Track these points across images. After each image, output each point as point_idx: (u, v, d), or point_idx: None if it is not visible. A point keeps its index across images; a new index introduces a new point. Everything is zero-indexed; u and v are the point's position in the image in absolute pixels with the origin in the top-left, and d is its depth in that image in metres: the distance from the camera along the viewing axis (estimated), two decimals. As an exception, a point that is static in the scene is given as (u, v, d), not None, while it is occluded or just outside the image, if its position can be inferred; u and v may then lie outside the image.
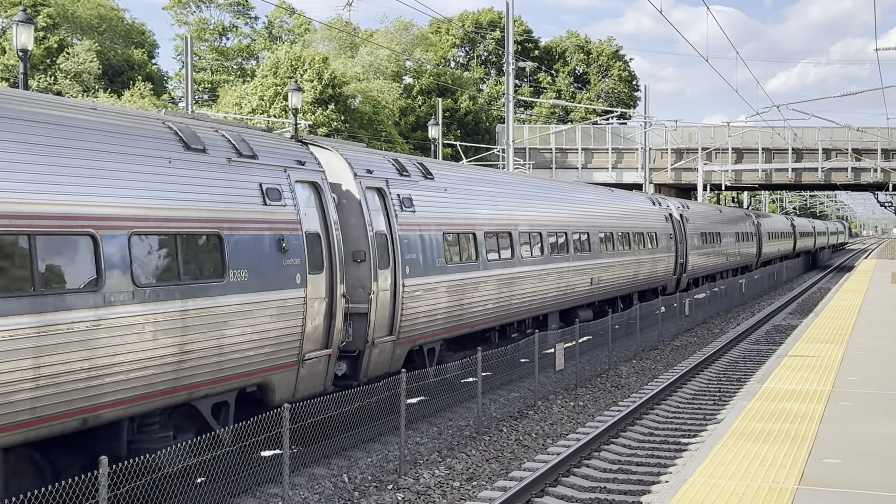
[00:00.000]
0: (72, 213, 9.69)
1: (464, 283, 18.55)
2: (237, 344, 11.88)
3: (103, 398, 9.98)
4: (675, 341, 30.24)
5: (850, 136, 67.75)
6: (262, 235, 12.53)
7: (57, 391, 9.40)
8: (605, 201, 30.56)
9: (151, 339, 10.48)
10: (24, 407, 9.09)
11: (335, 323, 14.06)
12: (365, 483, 13.33)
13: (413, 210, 17.06)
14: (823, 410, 12.85)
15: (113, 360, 9.99)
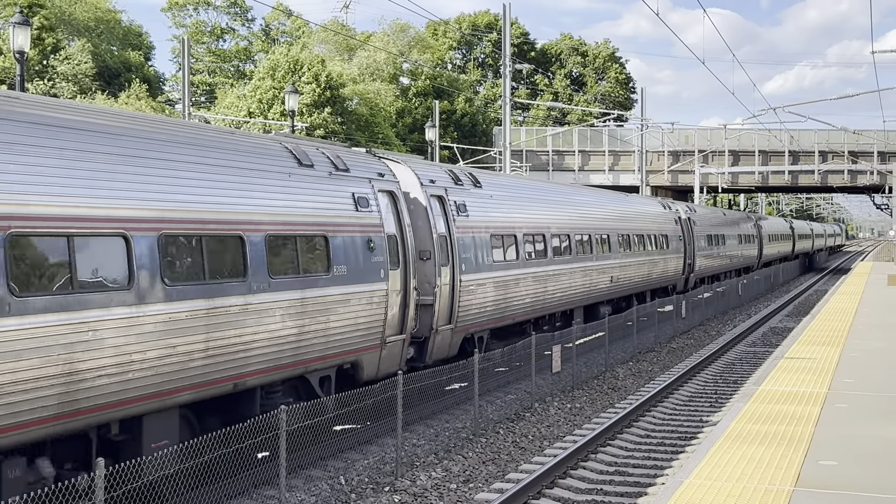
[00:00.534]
0: (228, 219, 12.07)
1: (507, 280, 20.85)
2: (338, 327, 14.27)
3: (248, 368, 12.29)
4: (672, 343, 30.26)
5: (847, 139, 67.86)
6: (355, 237, 14.93)
7: (220, 360, 11.73)
8: (622, 205, 32.67)
9: (280, 321, 12.85)
10: (197, 372, 11.38)
11: (408, 312, 16.54)
12: (362, 485, 13.33)
13: (467, 215, 19.34)
14: (820, 412, 12.87)
15: (255, 337, 12.34)
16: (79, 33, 66.58)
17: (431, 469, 14.25)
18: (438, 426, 17.13)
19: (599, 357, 24.80)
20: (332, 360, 14.32)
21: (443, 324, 18.00)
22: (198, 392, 11.50)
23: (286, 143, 14.32)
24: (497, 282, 20.24)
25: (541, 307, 23.05)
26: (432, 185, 18.36)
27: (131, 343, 10.34)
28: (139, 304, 10.45)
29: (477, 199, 20.08)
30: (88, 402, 9.85)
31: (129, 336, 10.31)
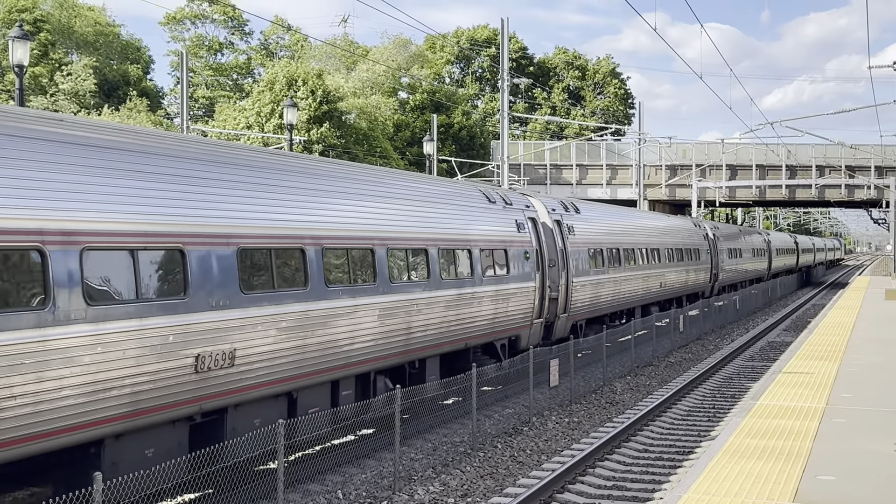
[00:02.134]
0: (465, 239, 19.12)
1: (597, 282, 27.90)
2: (512, 311, 21.10)
3: (471, 334, 19.09)
4: (670, 357, 30.26)
5: (844, 153, 67.98)
6: (518, 250, 21.72)
7: (459, 329, 18.48)
8: (666, 224, 39.64)
9: (488, 304, 19.76)
10: (448, 334, 17.84)
11: (544, 303, 23.27)
12: (360, 499, 13.31)
13: (574, 234, 26.22)
14: (818, 427, 12.87)
15: (475, 314, 19.09)
16: (78, 48, 66.69)
17: (429, 483, 14.23)
18: (436, 440, 17.11)
19: (597, 371, 24.79)
20: (507, 332, 21.19)
21: (561, 312, 24.81)
22: (441, 349, 17.96)
23: (479, 188, 22.04)
24: (592, 283, 27.53)
25: (616, 304, 30.22)
26: (553, 213, 25.39)
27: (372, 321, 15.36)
28: (380, 294, 15.54)
29: (579, 222, 27.12)
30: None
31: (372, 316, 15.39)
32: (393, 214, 16.48)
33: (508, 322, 20.99)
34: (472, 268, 18.98)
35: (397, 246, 16.10)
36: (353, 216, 15.13)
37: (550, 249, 24.04)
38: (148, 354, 10.41)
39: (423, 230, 17.27)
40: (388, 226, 16.07)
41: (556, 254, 24.39)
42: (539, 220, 23.70)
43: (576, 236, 26.19)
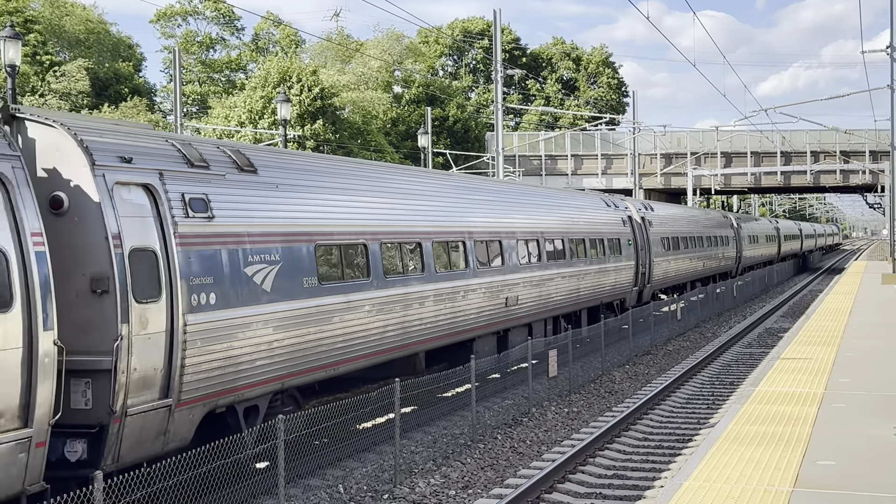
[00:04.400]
0: (594, 231, 28.52)
1: (667, 261, 36.79)
2: (622, 280, 30.25)
3: (580, 300, 26.23)
4: (668, 346, 30.28)
5: (839, 139, 68.02)
6: (625, 238, 30.94)
7: (579, 296, 26.09)
8: (705, 217, 48.33)
9: (613, 275, 29.16)
10: (560, 301, 24.52)
11: (638, 276, 31.98)
12: (360, 493, 13.32)
13: (652, 227, 34.82)
14: (817, 412, 12.89)
15: (589, 283, 26.92)
16: (70, 46, 66.52)
17: (430, 476, 14.24)
18: (436, 432, 17.12)
19: (596, 361, 24.81)
20: (620, 295, 30.43)
21: (646, 283, 33.28)
22: (588, 304, 27.05)
23: (601, 196, 32.28)
24: (664, 262, 35.79)
25: (678, 278, 38.86)
26: (639, 212, 33.82)
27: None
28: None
29: (654, 218, 35.83)
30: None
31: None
32: (561, 220, 25.77)
33: (620, 288, 30.47)
34: (605, 251, 28.48)
35: (564, 237, 25.25)
36: (545, 222, 24.50)
37: (640, 238, 32.73)
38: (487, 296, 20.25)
39: (580, 228, 27.01)
40: (568, 225, 26.14)
41: (643, 241, 33.09)
42: (634, 218, 32.82)
43: (653, 228, 34.93)
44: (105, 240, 10.45)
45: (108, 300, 10.38)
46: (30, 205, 9.55)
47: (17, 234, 9.36)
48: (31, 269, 9.35)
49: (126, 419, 10.46)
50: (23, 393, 9.15)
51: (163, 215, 11.22)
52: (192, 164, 11.99)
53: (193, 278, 11.43)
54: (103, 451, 10.32)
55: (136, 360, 10.57)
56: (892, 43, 40.89)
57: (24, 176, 9.63)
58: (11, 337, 9.09)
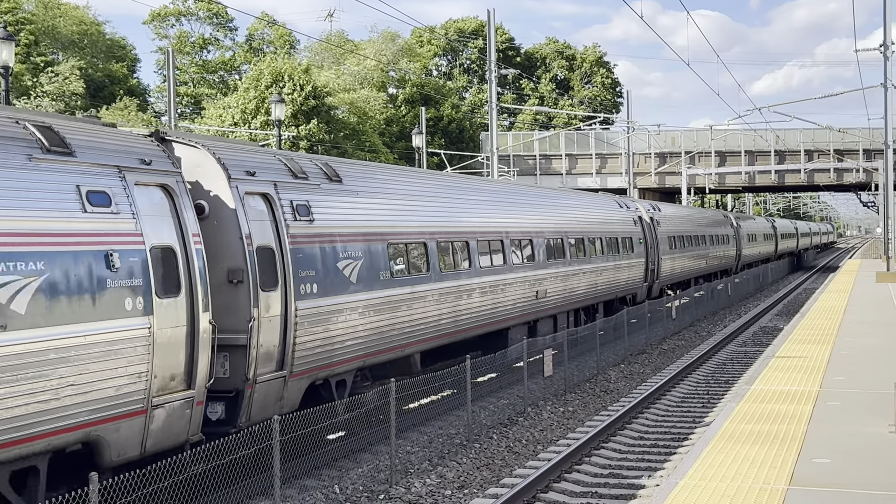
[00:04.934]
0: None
1: (673, 259, 38.75)
2: (634, 275, 31.88)
3: (618, 291, 30.74)
4: (663, 345, 30.31)
5: (832, 137, 68.11)
6: (636, 237, 32.77)
7: (613, 285, 30.57)
8: (707, 217, 51.48)
9: (626, 271, 31.28)
10: (603, 287, 29.38)
11: (647, 272, 34.05)
12: (356, 493, 13.31)
13: (660, 226, 36.75)
14: (812, 411, 12.91)
15: (622, 275, 31.42)
16: (63, 47, 66.37)
17: (426, 476, 14.24)
18: (432, 432, 17.12)
19: (591, 360, 24.82)
20: (632, 289, 32.56)
21: (655, 279, 35.82)
22: (603, 298, 28.83)
23: (614, 198, 34.17)
24: (670, 260, 38.26)
25: (683, 275, 41.02)
26: (648, 212, 36.10)
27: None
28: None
29: (661, 218, 37.68)
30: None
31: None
32: (581, 221, 27.80)
33: (632, 283, 32.48)
34: (619, 249, 30.30)
35: (584, 236, 27.38)
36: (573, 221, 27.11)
37: (649, 237, 34.67)
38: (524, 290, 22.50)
39: (598, 227, 29.08)
40: (583, 226, 27.72)
41: (652, 240, 34.92)
42: (643, 218, 34.58)
43: (661, 227, 36.77)
44: (239, 239, 12.69)
45: (242, 289, 12.63)
46: (189, 211, 11.70)
47: (181, 234, 11.50)
48: (192, 262, 11.51)
49: (255, 386, 12.66)
50: (187, 362, 11.32)
51: (277, 219, 13.47)
52: (295, 176, 14.29)
53: (301, 271, 13.66)
54: (239, 411, 12.45)
55: (262, 338, 12.75)
56: (885, 41, 40.97)
57: (185, 187, 11.78)
58: (180, 317, 11.22)
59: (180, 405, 11.15)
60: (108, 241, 10.36)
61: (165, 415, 10.99)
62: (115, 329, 10.24)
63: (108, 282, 10.22)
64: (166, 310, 10.99)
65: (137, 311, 10.55)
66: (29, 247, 9.38)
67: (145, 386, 10.63)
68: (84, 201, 10.24)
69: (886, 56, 41.14)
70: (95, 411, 10.03)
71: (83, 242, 10.06)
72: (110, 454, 10.34)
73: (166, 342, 10.96)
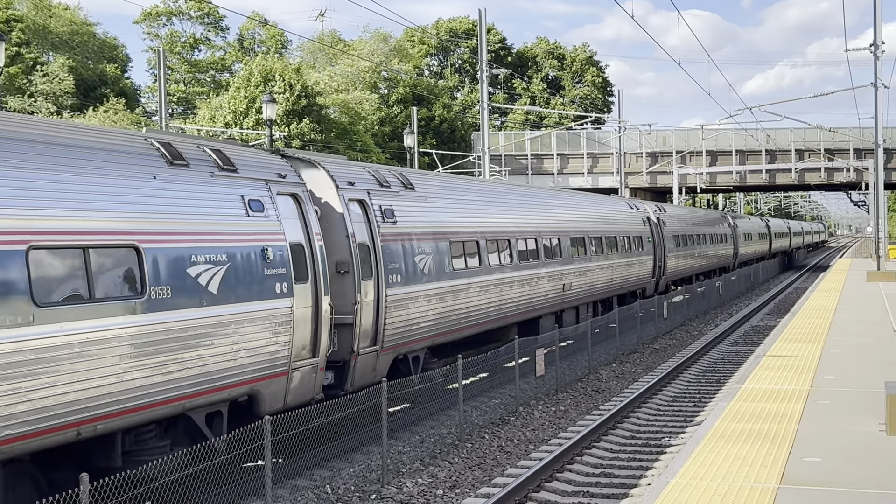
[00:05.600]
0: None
1: (677, 256, 41.20)
2: (643, 272, 35.16)
3: (629, 286, 33.40)
4: (655, 344, 30.35)
5: (823, 137, 68.29)
6: (645, 236, 35.40)
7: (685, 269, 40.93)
8: (707, 217, 53.27)
9: (638, 267, 34.14)
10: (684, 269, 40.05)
11: (655, 268, 36.48)
12: (348, 493, 13.30)
13: (665, 226, 39.14)
14: (802, 410, 12.94)
15: (632, 271, 33.68)
16: (54, 48, 66.18)
17: (418, 475, 14.24)
18: (423, 432, 17.12)
19: (583, 359, 24.85)
20: (641, 285, 34.92)
21: (662, 275, 38.25)
22: (613, 294, 30.73)
23: (625, 200, 37.04)
24: (675, 257, 40.68)
25: (686, 271, 43.45)
26: (655, 213, 38.55)
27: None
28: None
29: (667, 218, 40.61)
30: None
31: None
32: (584, 219, 29.16)
33: (642, 278, 35.01)
34: (631, 246, 33.14)
35: (602, 235, 30.03)
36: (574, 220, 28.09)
37: (656, 236, 37.04)
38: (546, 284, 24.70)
39: (613, 227, 31.89)
40: (591, 225, 29.49)
41: (659, 238, 37.37)
42: (651, 218, 37.03)
43: (666, 227, 39.25)
44: (346, 237, 15.55)
45: (348, 278, 15.47)
46: (312, 214, 14.52)
47: (307, 233, 14.25)
48: (316, 256, 14.28)
49: (358, 357, 15.48)
50: (312, 335, 14.03)
51: (370, 221, 16.32)
52: (381, 185, 17.21)
53: (388, 264, 16.46)
54: (345, 378, 15.40)
55: (363, 319, 15.57)
56: (875, 41, 41.09)
57: (308, 196, 14.67)
58: (308, 299, 13.95)
59: (309, 370, 13.90)
60: (263, 238, 13.06)
61: (300, 377, 13.71)
62: (270, 307, 12.96)
63: (265, 270, 12.93)
64: (300, 293, 13.68)
65: (283, 293, 13.25)
66: (217, 243, 12.16)
67: (288, 353, 13.33)
68: (247, 207, 13.04)
69: (877, 56, 41.25)
70: (257, 371, 12.70)
71: (248, 240, 12.79)
72: (264, 406, 12.91)
73: (301, 319, 13.66)
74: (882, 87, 41.91)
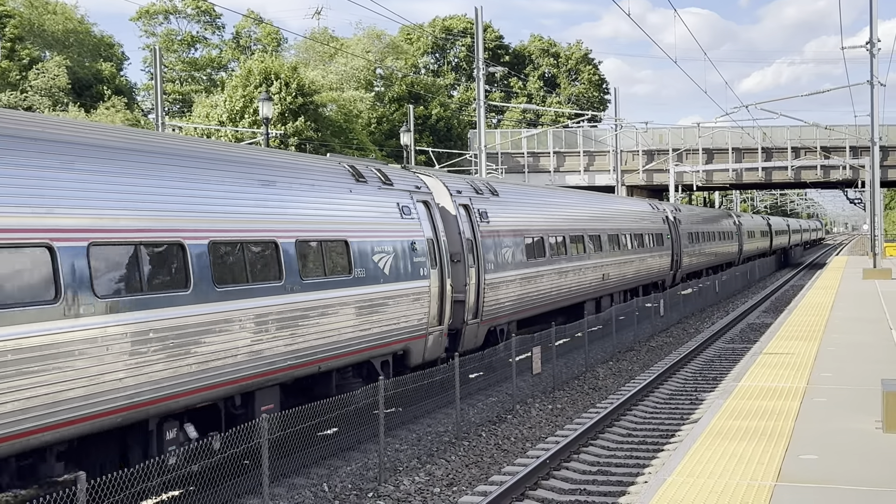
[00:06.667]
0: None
1: (691, 253, 45.37)
2: (663, 264, 39.10)
3: (651, 277, 38.08)
4: (651, 342, 30.37)
5: (819, 135, 68.27)
6: (664, 233, 39.81)
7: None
8: (715, 215, 57.67)
9: (658, 259, 38.11)
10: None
11: (674, 262, 41.06)
12: (345, 491, 13.31)
13: (681, 224, 43.00)
14: (799, 407, 12.96)
15: (653, 264, 38.26)
16: (50, 46, 66.07)
17: (415, 474, 14.24)
18: (420, 430, 17.13)
19: (579, 357, 24.86)
20: (661, 276, 37.92)
21: (678, 268, 42.17)
22: (625, 286, 33.06)
23: (646, 200, 40.95)
24: (688, 254, 44.88)
25: (698, 266, 47.65)
26: (672, 212, 42.89)
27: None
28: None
29: (683, 217, 44.48)
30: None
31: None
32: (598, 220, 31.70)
33: (663, 271, 39.10)
34: (654, 242, 37.20)
35: (631, 232, 34.36)
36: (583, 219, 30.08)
37: (673, 233, 41.37)
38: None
39: (640, 225, 36.12)
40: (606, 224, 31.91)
41: (675, 235, 41.54)
42: (668, 217, 41.16)
43: (682, 225, 43.39)
44: (458, 234, 19.95)
45: (460, 265, 19.81)
46: (438, 216, 19.13)
47: (435, 230, 18.72)
48: (441, 247, 18.80)
49: (466, 327, 20.09)
50: (439, 308, 18.40)
51: (472, 221, 20.79)
52: (478, 192, 21.90)
53: (485, 255, 20.92)
54: (459, 343, 19.81)
55: (470, 298, 20.09)
56: (871, 39, 41.12)
57: (434, 202, 19.27)
58: (437, 281, 18.37)
59: (437, 334, 18.27)
60: (411, 234, 17.49)
61: (432, 339, 18.12)
62: (417, 286, 17.38)
63: (414, 258, 17.33)
64: (433, 276, 18.07)
65: (424, 276, 17.69)
66: (387, 237, 16.62)
67: (426, 320, 17.73)
68: (400, 212, 17.47)
69: (873, 53, 41.28)
70: (409, 333, 17.08)
71: (402, 235, 17.17)
72: (412, 359, 17.43)
73: (433, 295, 18.04)
74: (878, 85, 41.94)
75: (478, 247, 20.43)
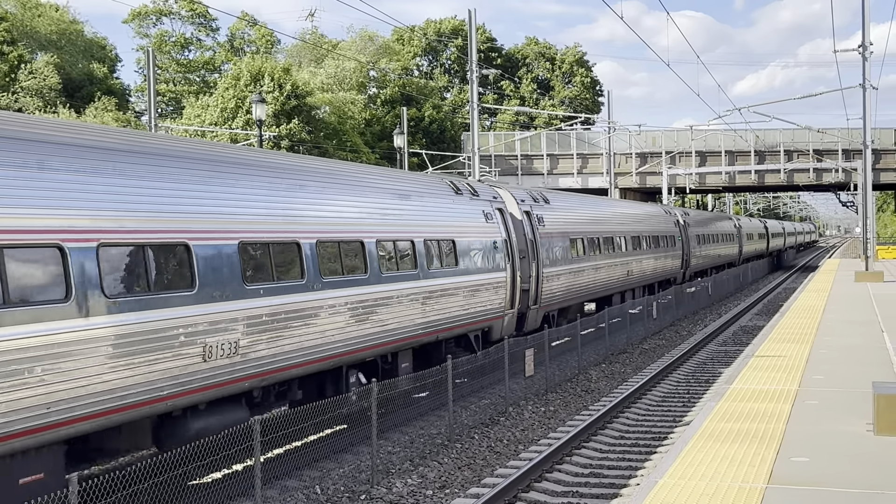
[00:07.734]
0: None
1: (705, 255, 51.46)
2: (672, 264, 42.45)
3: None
4: (644, 344, 30.41)
5: (812, 138, 68.48)
6: (676, 235, 43.85)
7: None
8: (716, 217, 62.02)
9: (664, 261, 41.36)
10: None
11: (683, 261, 45.19)
12: (337, 494, 13.30)
13: (689, 227, 46.33)
14: (791, 410, 12.99)
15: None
16: (42, 47, 65.92)
17: (407, 476, 14.24)
18: (413, 433, 17.12)
19: (572, 360, 24.89)
20: (674, 274, 42.50)
21: (687, 267, 45.86)
22: (644, 282, 37.28)
23: (662, 207, 47.40)
24: (698, 252, 48.89)
25: (715, 262, 54.51)
26: (682, 216, 46.30)
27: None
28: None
29: (690, 220, 48.39)
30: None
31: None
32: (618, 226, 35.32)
33: (675, 269, 43.04)
34: (667, 244, 41.50)
35: (648, 234, 38.12)
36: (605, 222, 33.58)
37: (683, 235, 44.72)
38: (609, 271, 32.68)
39: (655, 228, 39.88)
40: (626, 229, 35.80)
41: (685, 237, 45.09)
42: (679, 220, 45.08)
43: (690, 228, 47.08)
44: (523, 235, 23.95)
45: (525, 261, 23.66)
46: (510, 221, 22.92)
47: (507, 232, 22.48)
48: (512, 246, 22.59)
49: (529, 311, 23.99)
50: (510, 295, 22.17)
51: (533, 224, 24.72)
52: (535, 201, 25.84)
53: (542, 252, 24.91)
54: (524, 324, 23.70)
55: (532, 287, 24.06)
56: (863, 42, 41.23)
57: (506, 209, 23.14)
58: (510, 273, 22.13)
59: (510, 316, 22.14)
60: (493, 235, 21.45)
61: (507, 320, 22.01)
62: (498, 276, 21.41)
63: (495, 255, 21.31)
64: (508, 269, 21.85)
65: (502, 269, 21.61)
66: (477, 238, 20.67)
67: (503, 304, 21.62)
68: (485, 217, 21.37)
69: (865, 57, 41.38)
70: (493, 313, 21.14)
71: (487, 236, 21.15)
72: (494, 335, 21.19)
73: (508, 284, 21.89)
74: (870, 88, 42.03)
75: (537, 246, 24.56)
